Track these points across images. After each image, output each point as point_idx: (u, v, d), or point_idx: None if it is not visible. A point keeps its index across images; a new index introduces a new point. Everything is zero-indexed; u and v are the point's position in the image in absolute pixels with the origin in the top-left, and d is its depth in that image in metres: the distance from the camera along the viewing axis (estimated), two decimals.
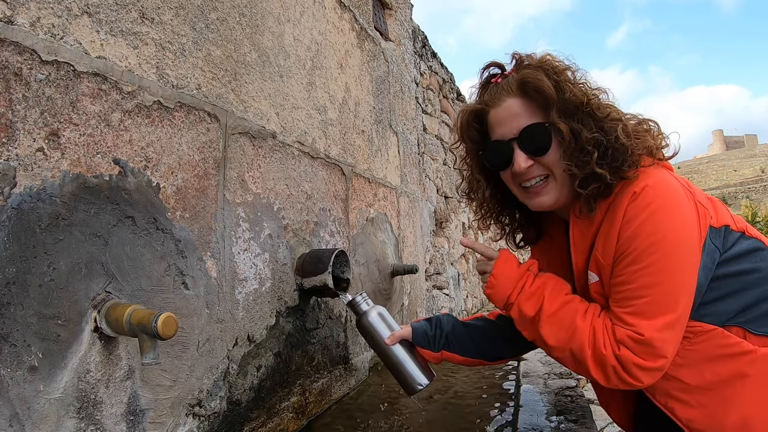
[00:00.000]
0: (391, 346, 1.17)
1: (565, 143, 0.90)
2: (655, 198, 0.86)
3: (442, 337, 1.18)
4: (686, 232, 0.85)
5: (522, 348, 1.20)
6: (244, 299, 1.23)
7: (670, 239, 0.84)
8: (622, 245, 0.87)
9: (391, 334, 1.19)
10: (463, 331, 1.19)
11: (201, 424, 1.06)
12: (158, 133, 0.99)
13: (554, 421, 1.26)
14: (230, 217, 1.19)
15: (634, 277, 0.86)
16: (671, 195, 0.87)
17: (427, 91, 3.52)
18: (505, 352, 1.21)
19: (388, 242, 2.27)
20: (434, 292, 3.42)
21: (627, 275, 0.87)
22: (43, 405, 0.74)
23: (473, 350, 1.18)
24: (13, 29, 0.73)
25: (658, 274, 0.84)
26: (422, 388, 1.15)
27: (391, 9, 2.62)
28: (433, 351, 1.18)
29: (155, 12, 1.00)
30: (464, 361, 1.20)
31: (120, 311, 0.82)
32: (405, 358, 1.16)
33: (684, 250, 0.85)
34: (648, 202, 0.86)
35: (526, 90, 0.93)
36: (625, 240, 0.87)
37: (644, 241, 0.85)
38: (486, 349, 1.19)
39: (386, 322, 1.21)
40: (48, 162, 0.77)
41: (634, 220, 0.86)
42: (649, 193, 0.86)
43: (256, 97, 1.33)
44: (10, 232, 0.71)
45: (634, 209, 0.86)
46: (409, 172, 2.72)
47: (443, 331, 1.19)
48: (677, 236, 0.85)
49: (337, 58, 1.85)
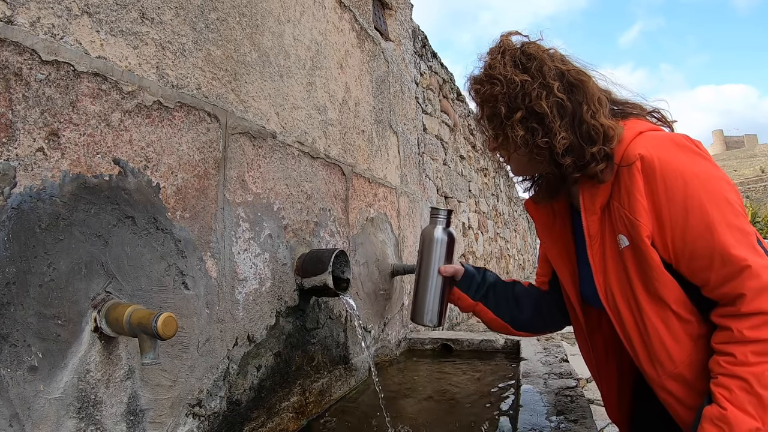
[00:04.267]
0: (438, 274, 1.12)
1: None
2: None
3: (483, 288, 1.14)
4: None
5: (550, 326, 1.18)
6: (244, 299, 1.23)
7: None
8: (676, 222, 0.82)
9: (447, 265, 1.13)
10: (503, 289, 1.16)
11: (201, 424, 1.06)
12: (158, 133, 0.99)
13: (554, 421, 1.26)
14: (230, 217, 1.19)
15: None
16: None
17: (427, 91, 3.52)
18: (533, 324, 1.16)
19: (388, 242, 2.27)
20: None
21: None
22: (43, 405, 0.74)
23: (505, 311, 1.14)
24: (13, 29, 0.73)
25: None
26: (429, 326, 1.13)
27: (391, 9, 2.62)
28: (472, 299, 1.14)
29: (155, 12, 1.00)
30: (493, 319, 1.15)
31: (120, 311, 0.82)
32: (438, 291, 1.12)
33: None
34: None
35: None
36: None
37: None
38: (516, 315, 1.15)
39: (450, 251, 1.13)
40: (48, 162, 0.77)
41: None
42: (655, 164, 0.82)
43: (256, 97, 1.33)
44: (10, 232, 0.71)
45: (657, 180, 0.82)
46: (409, 172, 2.72)
47: (486, 283, 1.15)
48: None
49: (337, 58, 1.85)
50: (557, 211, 1.06)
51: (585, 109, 0.86)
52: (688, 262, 0.83)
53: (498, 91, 0.89)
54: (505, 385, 1.75)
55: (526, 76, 0.88)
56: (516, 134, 0.88)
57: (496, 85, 0.89)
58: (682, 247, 0.82)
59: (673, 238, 0.83)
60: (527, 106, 0.87)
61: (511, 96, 0.88)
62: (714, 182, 0.82)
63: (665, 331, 0.87)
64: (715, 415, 0.79)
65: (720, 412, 0.79)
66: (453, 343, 2.35)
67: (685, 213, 0.81)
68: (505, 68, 0.89)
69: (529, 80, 0.87)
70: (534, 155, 0.90)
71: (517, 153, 0.93)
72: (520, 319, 1.15)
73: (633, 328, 0.90)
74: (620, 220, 0.87)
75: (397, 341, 2.30)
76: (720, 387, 0.80)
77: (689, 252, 0.82)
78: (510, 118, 0.88)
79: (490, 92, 0.90)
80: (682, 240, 0.82)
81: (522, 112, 0.87)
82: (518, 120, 0.87)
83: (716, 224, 0.79)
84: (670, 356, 0.87)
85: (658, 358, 0.88)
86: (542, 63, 0.88)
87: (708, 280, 0.82)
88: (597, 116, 0.86)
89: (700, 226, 0.80)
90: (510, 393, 1.65)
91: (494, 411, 1.50)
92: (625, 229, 0.87)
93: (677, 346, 0.87)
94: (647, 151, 0.83)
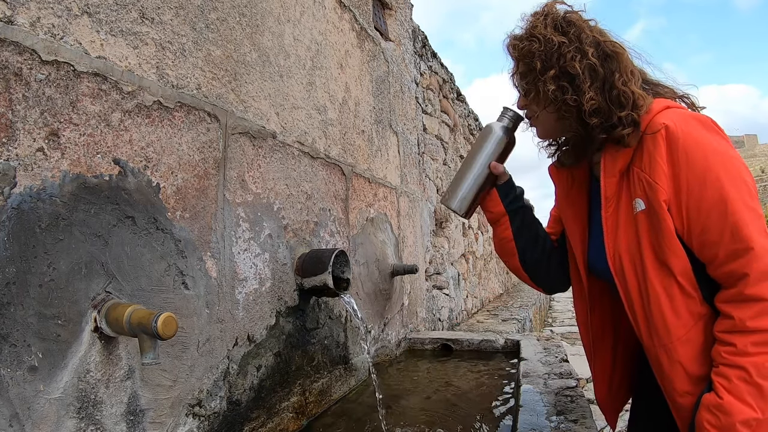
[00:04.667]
0: (486, 167, 1.10)
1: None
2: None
3: (518, 204, 1.14)
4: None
5: (546, 279, 1.17)
6: (244, 299, 1.23)
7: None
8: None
9: (500, 164, 1.12)
10: (534, 221, 1.16)
11: (201, 424, 1.06)
12: (158, 133, 0.99)
13: (554, 421, 1.26)
14: (230, 217, 1.19)
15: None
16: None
17: (427, 91, 3.52)
18: (537, 267, 1.16)
19: (388, 242, 2.27)
20: (434, 292, 3.42)
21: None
22: (43, 405, 0.74)
23: (521, 238, 1.13)
24: (13, 29, 0.73)
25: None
26: (457, 212, 1.11)
27: (391, 9, 2.62)
28: (504, 207, 1.13)
29: (155, 12, 1.00)
30: (508, 239, 1.14)
31: (120, 311, 0.82)
32: (478, 183, 1.10)
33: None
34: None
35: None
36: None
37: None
38: (530, 247, 1.14)
39: (505, 153, 1.11)
40: (48, 162, 0.77)
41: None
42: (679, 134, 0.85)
43: (256, 97, 1.33)
44: (10, 232, 0.71)
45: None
46: (409, 172, 2.72)
47: (523, 204, 1.14)
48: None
49: (337, 58, 1.85)
50: (576, 177, 1.08)
51: (617, 77, 0.90)
52: (700, 235, 0.84)
53: (535, 48, 0.93)
54: (505, 385, 1.75)
55: (564, 39, 0.92)
56: (547, 89, 0.92)
57: (534, 43, 0.94)
58: (696, 217, 0.84)
59: (688, 208, 0.84)
60: (561, 66, 0.91)
61: (547, 54, 0.92)
62: (734, 162, 0.84)
63: (666, 301, 0.88)
64: (713, 404, 0.81)
65: (717, 401, 0.80)
66: (453, 343, 2.35)
67: (702, 184, 0.83)
68: (545, 29, 0.94)
69: (566, 42, 0.92)
70: (562, 112, 0.94)
71: (546, 110, 0.97)
72: (531, 254, 1.14)
73: (636, 294, 0.92)
74: (639, 183, 0.90)
75: (397, 341, 2.30)
76: (719, 376, 0.81)
77: (702, 224, 0.84)
78: (543, 74, 0.93)
79: (528, 48, 0.95)
80: (697, 210, 0.84)
81: (555, 70, 0.92)
82: (551, 77, 0.92)
83: (732, 200, 0.81)
84: (666, 327, 0.89)
85: (656, 327, 0.90)
86: (581, 30, 0.93)
87: (716, 256, 0.83)
88: (628, 84, 0.90)
89: (716, 199, 0.82)
90: (510, 393, 1.65)
91: (494, 411, 1.50)
92: (643, 192, 0.89)
93: (676, 319, 0.88)
94: (673, 123, 0.86)
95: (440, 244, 3.69)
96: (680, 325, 0.88)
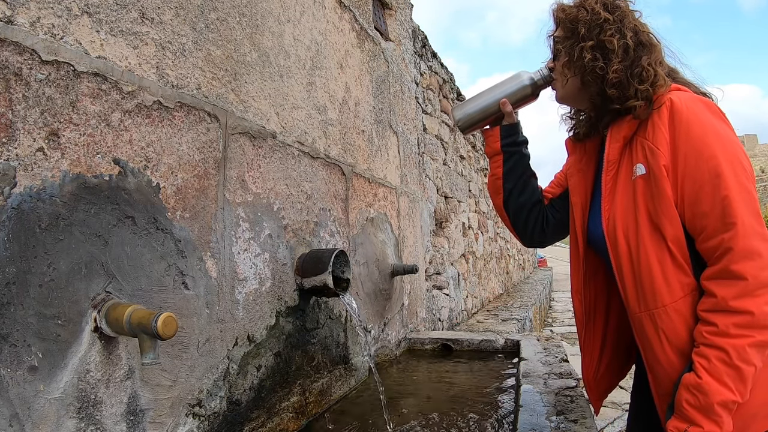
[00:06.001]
0: (498, 100, 1.17)
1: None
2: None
3: (514, 147, 1.20)
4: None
5: (525, 229, 1.22)
6: (244, 299, 1.23)
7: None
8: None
9: (512, 108, 1.19)
10: (527, 170, 1.21)
11: (201, 424, 1.06)
12: (158, 133, 0.99)
13: (554, 421, 1.26)
14: (230, 217, 1.19)
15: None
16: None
17: (427, 91, 3.52)
18: (520, 213, 1.21)
19: (388, 242, 2.27)
20: (434, 292, 3.42)
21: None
22: (43, 405, 0.74)
23: (511, 180, 1.20)
24: (13, 29, 0.73)
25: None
26: (458, 125, 1.21)
27: (391, 9, 2.62)
28: (499, 145, 1.20)
29: (155, 12, 1.00)
30: (498, 178, 1.21)
31: (120, 311, 0.82)
32: (485, 112, 1.19)
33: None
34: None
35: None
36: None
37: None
38: (516, 192, 1.20)
39: (521, 99, 1.17)
40: (48, 162, 0.77)
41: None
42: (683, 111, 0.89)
43: (256, 97, 1.33)
44: (10, 232, 0.71)
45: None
46: (409, 172, 2.72)
47: (520, 150, 1.20)
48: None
49: (337, 58, 1.85)
50: (588, 150, 1.13)
51: (645, 60, 0.95)
52: (692, 204, 0.87)
53: (582, 17, 0.99)
54: (505, 385, 1.75)
55: (610, 16, 0.98)
56: (583, 55, 0.98)
57: (582, 11, 1.00)
58: (691, 186, 0.87)
59: (683, 176, 0.87)
60: (599, 39, 0.97)
61: (591, 24, 0.98)
62: (732, 145, 0.87)
63: (657, 268, 0.90)
64: (692, 383, 0.82)
65: (696, 381, 0.82)
66: (453, 343, 2.35)
67: (699, 155, 0.86)
68: (596, 4, 1.00)
69: (611, 20, 0.98)
70: (588, 78, 0.99)
71: (573, 75, 1.02)
72: (516, 198, 1.21)
73: (626, 259, 0.94)
74: (641, 150, 0.93)
75: (397, 341, 2.30)
76: (700, 356, 0.83)
77: (695, 193, 0.86)
78: (583, 42, 0.98)
79: (576, 15, 1.01)
80: (692, 180, 0.86)
81: (594, 41, 0.97)
82: (588, 46, 0.98)
83: (725, 175, 0.84)
84: (654, 293, 0.90)
85: (644, 293, 0.92)
86: (625, 15, 0.99)
87: (705, 227, 0.85)
88: (654, 65, 0.96)
89: (710, 172, 0.85)
90: (510, 393, 1.65)
91: (494, 411, 1.50)
92: (644, 158, 0.93)
93: (665, 286, 0.89)
94: (678, 99, 0.91)
95: (440, 244, 3.69)
96: (668, 293, 0.89)
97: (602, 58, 0.96)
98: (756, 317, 0.79)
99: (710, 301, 0.84)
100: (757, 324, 0.79)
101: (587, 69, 0.98)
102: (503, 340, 2.30)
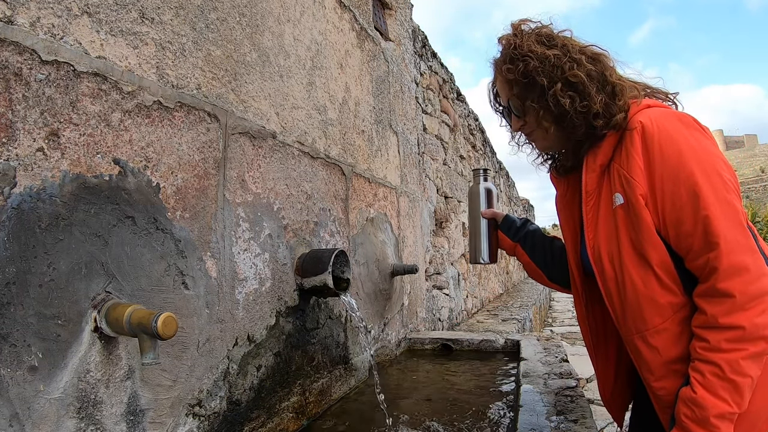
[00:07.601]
0: (482, 217, 1.28)
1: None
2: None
3: (523, 232, 1.25)
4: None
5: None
6: (244, 299, 1.23)
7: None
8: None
9: (488, 209, 1.29)
10: (542, 239, 1.24)
11: (201, 424, 1.06)
12: (158, 133, 0.99)
13: (554, 421, 1.26)
14: (230, 217, 1.19)
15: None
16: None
17: (427, 91, 3.52)
18: (566, 279, 1.21)
19: (388, 242, 2.27)
20: (434, 292, 3.43)
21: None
22: (43, 405, 0.74)
23: (540, 258, 1.23)
24: (13, 29, 0.73)
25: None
26: (483, 263, 1.30)
27: (391, 9, 2.62)
28: (511, 240, 1.26)
29: (155, 12, 1.00)
30: (529, 263, 1.25)
31: (120, 311, 0.82)
32: (485, 233, 1.29)
33: None
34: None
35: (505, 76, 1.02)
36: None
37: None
38: (549, 264, 1.22)
39: (489, 200, 1.31)
40: (48, 162, 0.77)
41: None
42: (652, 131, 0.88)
43: (256, 97, 1.33)
44: (10, 232, 0.71)
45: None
46: (409, 172, 2.72)
47: (527, 230, 1.25)
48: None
49: (337, 58, 1.85)
50: (571, 183, 1.12)
51: (608, 73, 0.95)
52: (675, 227, 0.86)
53: (533, 66, 0.95)
54: (505, 385, 1.75)
55: (556, 51, 0.95)
56: (559, 102, 0.94)
57: (529, 62, 0.95)
58: (671, 211, 0.86)
59: (663, 202, 0.87)
60: (563, 78, 0.94)
61: (546, 69, 0.94)
62: (710, 158, 0.86)
63: (643, 290, 0.90)
64: (688, 397, 0.83)
65: (692, 395, 0.83)
66: (453, 343, 2.35)
67: (676, 179, 0.85)
68: (532, 46, 0.96)
69: (559, 54, 0.94)
70: (573, 120, 0.95)
71: (555, 125, 0.99)
72: (552, 270, 1.22)
73: (613, 284, 0.94)
74: (618, 179, 0.92)
75: (397, 341, 2.30)
76: (695, 371, 0.84)
77: (676, 217, 0.85)
78: (551, 89, 0.94)
79: (524, 69, 0.96)
80: (671, 205, 0.86)
81: (561, 83, 0.94)
82: (560, 90, 0.94)
83: (704, 194, 0.83)
84: (643, 317, 0.90)
85: (633, 316, 0.92)
86: (563, 41, 0.97)
87: (691, 246, 0.85)
88: (615, 75, 0.96)
89: (689, 194, 0.84)
90: (510, 393, 1.65)
91: (494, 411, 1.50)
92: (621, 187, 0.92)
93: (653, 309, 0.89)
94: (648, 120, 0.89)
95: (440, 244, 3.69)
96: (658, 314, 0.89)
97: (577, 94, 0.93)
98: (747, 331, 0.79)
99: (701, 318, 0.84)
100: (749, 337, 0.80)
101: (570, 112, 0.94)
102: (503, 340, 2.30)
